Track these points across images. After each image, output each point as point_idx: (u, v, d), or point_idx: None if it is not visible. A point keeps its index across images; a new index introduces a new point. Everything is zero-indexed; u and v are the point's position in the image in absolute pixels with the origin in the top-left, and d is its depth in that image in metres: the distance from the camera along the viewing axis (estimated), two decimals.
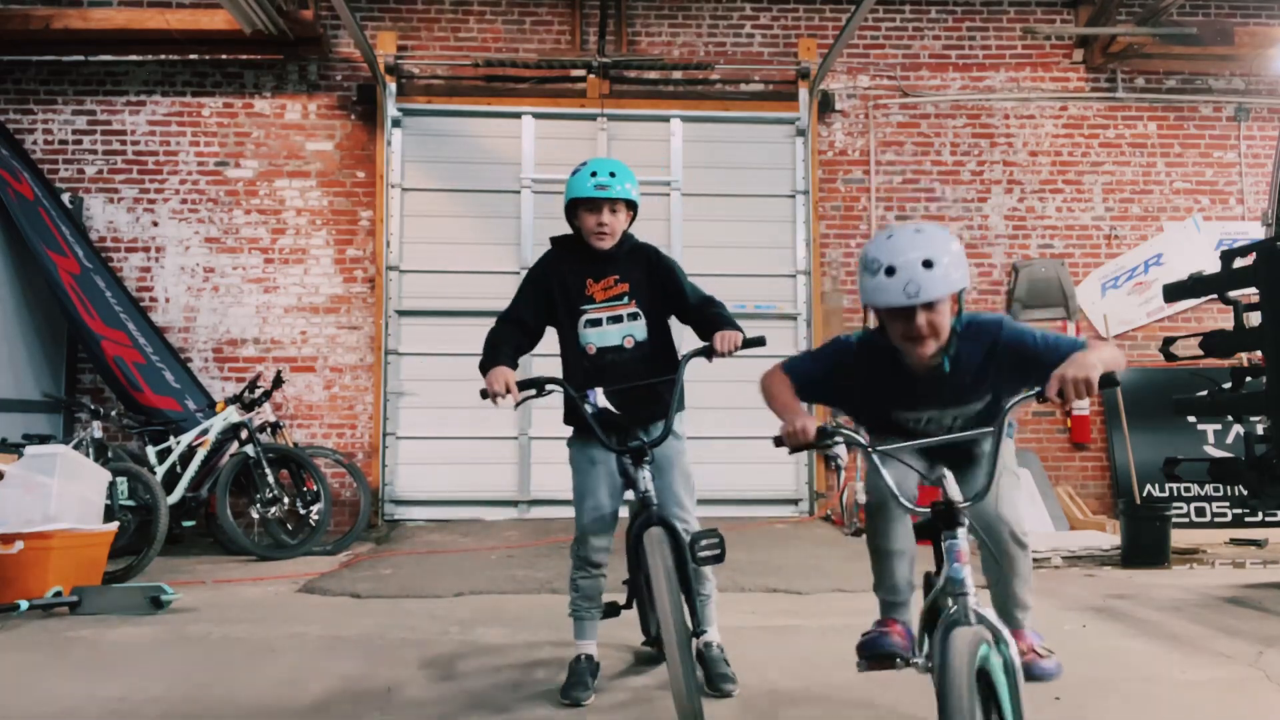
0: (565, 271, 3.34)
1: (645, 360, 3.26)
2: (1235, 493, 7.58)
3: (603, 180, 3.23)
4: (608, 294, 3.29)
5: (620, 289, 3.30)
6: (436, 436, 7.83)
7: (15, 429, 6.52)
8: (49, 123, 7.95)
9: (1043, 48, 8.60)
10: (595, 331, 3.28)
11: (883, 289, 2.31)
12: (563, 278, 3.33)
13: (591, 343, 3.28)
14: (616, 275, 3.30)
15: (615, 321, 3.29)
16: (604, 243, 3.28)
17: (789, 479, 8.00)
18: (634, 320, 3.29)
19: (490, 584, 5.33)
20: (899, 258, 2.30)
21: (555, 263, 3.38)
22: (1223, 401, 5.79)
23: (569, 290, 3.31)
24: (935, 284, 2.30)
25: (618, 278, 3.30)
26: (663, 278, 3.34)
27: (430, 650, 3.95)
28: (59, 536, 4.76)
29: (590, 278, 3.30)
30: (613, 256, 3.31)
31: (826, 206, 8.32)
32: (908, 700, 3.20)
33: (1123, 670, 3.65)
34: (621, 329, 3.28)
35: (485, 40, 8.30)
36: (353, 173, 8.06)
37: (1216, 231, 8.40)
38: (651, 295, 3.31)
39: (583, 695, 3.21)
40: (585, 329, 3.29)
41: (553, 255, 3.41)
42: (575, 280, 3.31)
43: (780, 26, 8.44)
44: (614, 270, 3.31)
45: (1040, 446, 8.17)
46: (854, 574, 5.64)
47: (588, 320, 3.29)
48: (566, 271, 3.33)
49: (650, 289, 3.32)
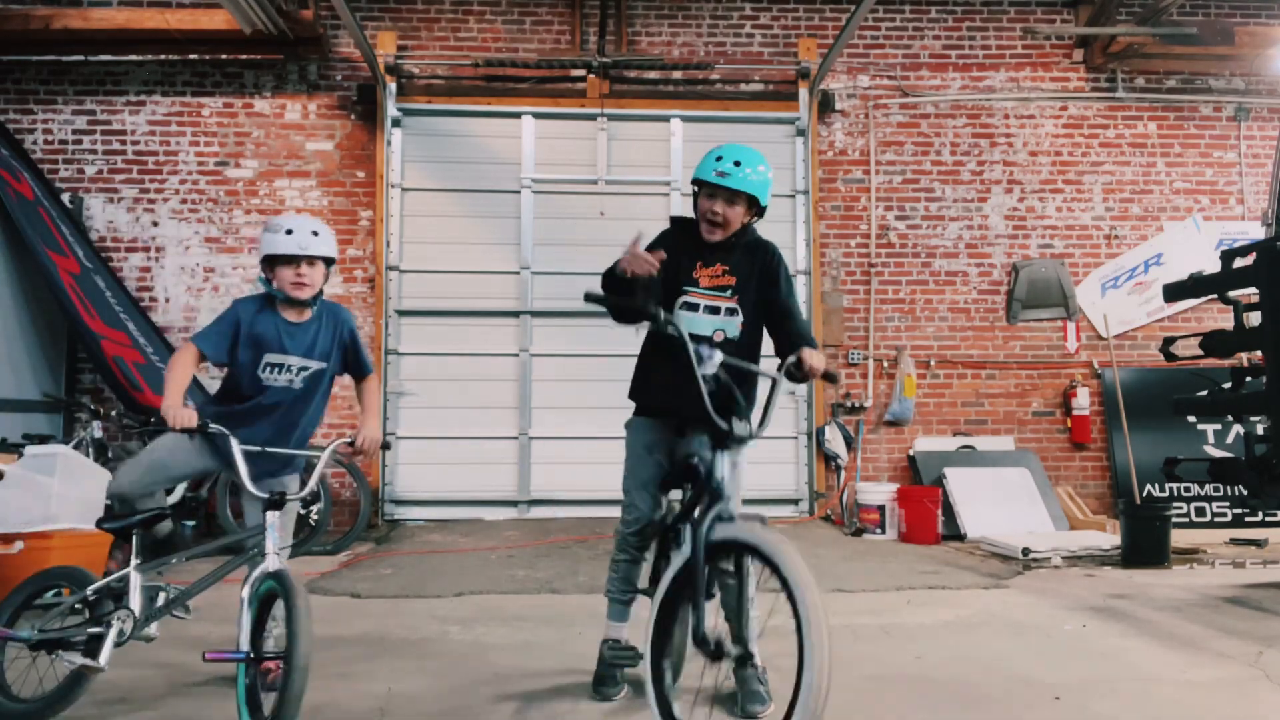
0: (681, 243, 3.18)
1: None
2: (1235, 493, 7.59)
3: (725, 168, 3.06)
4: (713, 282, 3.14)
5: (726, 281, 3.14)
6: (436, 436, 7.84)
7: (15, 429, 6.52)
8: (49, 123, 7.95)
9: (1043, 48, 8.60)
10: (690, 316, 3.12)
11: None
12: (676, 248, 3.14)
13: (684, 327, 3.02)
14: (726, 267, 3.15)
15: (712, 312, 3.13)
16: (713, 234, 3.14)
17: (789, 479, 8.00)
18: (731, 316, 3.14)
19: (490, 584, 5.33)
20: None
21: (677, 233, 3.24)
22: (1223, 401, 5.79)
23: (678, 266, 3.12)
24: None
25: (727, 269, 3.15)
26: (772, 283, 3.17)
27: (430, 650, 3.95)
28: (59, 536, 4.76)
29: (701, 261, 3.15)
30: (728, 247, 3.16)
31: (826, 206, 8.31)
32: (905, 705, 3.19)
33: (1123, 670, 3.64)
34: (715, 321, 3.13)
35: (485, 40, 8.30)
36: (353, 173, 8.06)
37: (1216, 231, 8.41)
38: (751, 295, 3.15)
39: (612, 691, 3.19)
40: (682, 310, 3.13)
41: (670, 231, 3.26)
42: (686, 259, 3.15)
43: (780, 26, 8.44)
44: (726, 260, 3.16)
45: (1040, 446, 8.17)
46: (854, 574, 5.64)
47: (685, 302, 3.14)
48: (682, 243, 3.18)
49: (756, 291, 3.16)
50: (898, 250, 8.36)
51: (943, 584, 5.38)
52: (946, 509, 7.26)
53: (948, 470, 7.60)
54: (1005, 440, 8.17)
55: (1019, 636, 4.19)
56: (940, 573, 5.74)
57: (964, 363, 8.29)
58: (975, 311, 8.36)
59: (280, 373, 3.26)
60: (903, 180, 8.42)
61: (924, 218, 8.41)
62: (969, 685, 3.42)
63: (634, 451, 3.24)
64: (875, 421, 8.19)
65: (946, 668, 3.65)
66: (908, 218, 8.40)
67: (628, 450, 3.26)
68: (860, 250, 8.31)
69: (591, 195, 8.03)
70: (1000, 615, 4.62)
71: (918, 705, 3.19)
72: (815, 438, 7.96)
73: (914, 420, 8.15)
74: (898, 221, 8.38)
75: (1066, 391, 8.27)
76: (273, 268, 3.22)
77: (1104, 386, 8.23)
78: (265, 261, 3.23)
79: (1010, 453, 8.02)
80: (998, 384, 8.30)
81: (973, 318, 8.35)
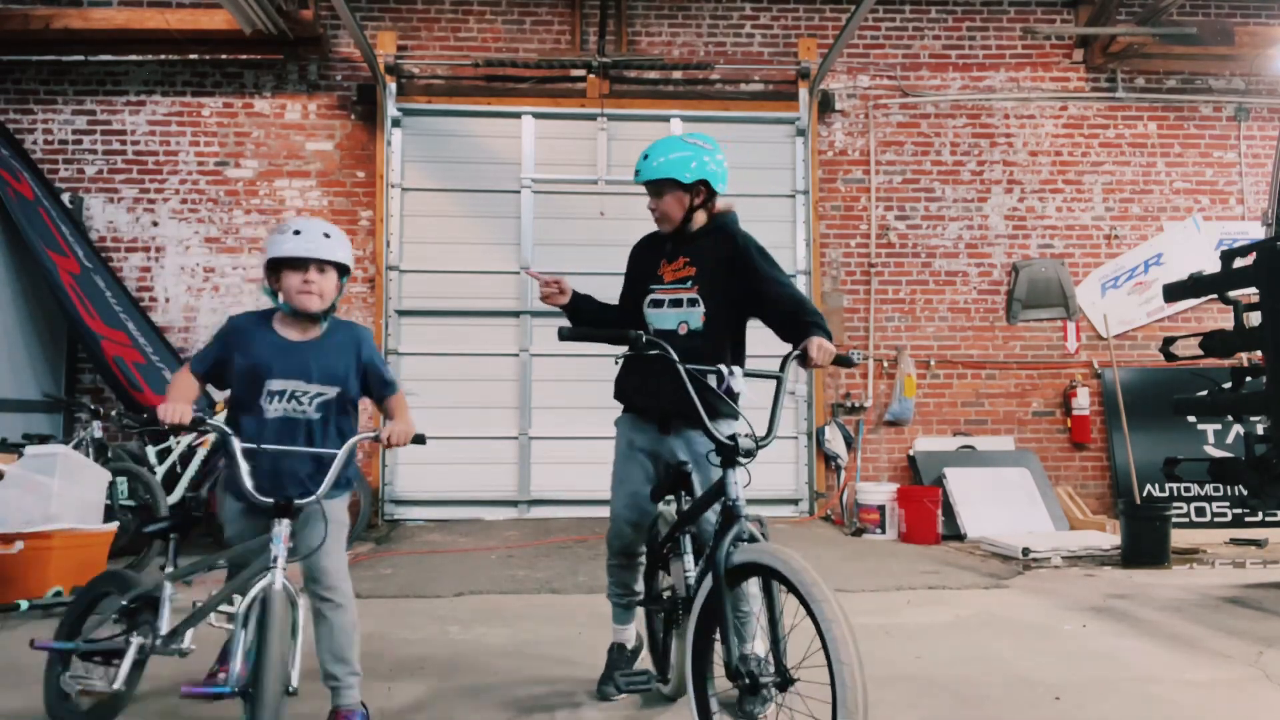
0: (645, 249, 3.26)
1: (694, 353, 2.87)
2: (1235, 493, 7.59)
3: (638, 165, 3.11)
4: (676, 275, 3.12)
5: (687, 272, 3.10)
6: (436, 436, 7.77)
7: (15, 429, 6.52)
8: (49, 123, 7.95)
9: (1043, 48, 8.60)
10: (656, 313, 3.14)
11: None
12: (641, 256, 3.25)
13: (651, 323, 3.13)
14: (687, 259, 3.11)
15: (675, 305, 3.10)
16: (662, 226, 3.16)
17: (789, 479, 8.00)
18: (692, 306, 3.07)
19: (490, 584, 5.33)
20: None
21: (639, 245, 3.31)
22: (1223, 401, 5.79)
23: (644, 268, 3.21)
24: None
25: (688, 260, 3.11)
26: (740, 268, 3.04)
27: (430, 650, 3.95)
28: (59, 536, 4.76)
29: (665, 258, 3.16)
30: (691, 238, 3.13)
31: (826, 206, 8.31)
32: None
33: (1123, 670, 3.64)
34: (679, 314, 3.09)
35: (485, 40, 8.30)
36: (353, 173, 8.07)
37: (1216, 231, 8.41)
38: (716, 284, 3.06)
39: (612, 692, 3.19)
40: (648, 309, 3.15)
41: (638, 244, 3.32)
42: (652, 258, 3.20)
43: (780, 26, 8.45)
44: (687, 252, 3.12)
45: (1040, 446, 8.18)
46: (854, 574, 5.64)
47: (651, 300, 3.15)
48: (646, 250, 3.25)
49: (719, 277, 3.06)
50: (898, 250, 8.36)
51: (943, 584, 5.38)
52: (946, 509, 7.26)
53: (948, 470, 7.60)
54: (1005, 440, 8.17)
55: (1019, 637, 4.19)
56: (940, 573, 5.74)
57: (964, 363, 8.29)
58: (975, 311, 8.36)
59: (282, 400, 2.80)
60: (903, 180, 8.42)
61: (924, 218, 8.41)
62: (969, 685, 3.42)
63: (618, 450, 3.25)
64: (875, 421, 8.19)
65: (947, 668, 3.65)
66: (908, 218, 8.40)
67: (615, 449, 3.27)
68: (860, 250, 8.31)
69: (591, 195, 8.04)
70: (1000, 615, 4.62)
71: (918, 705, 3.19)
72: (815, 438, 7.96)
73: (914, 420, 8.15)
74: (898, 221, 8.38)
75: (1066, 391, 8.27)
76: (278, 274, 2.81)
77: (1104, 386, 8.23)
78: (270, 267, 2.81)
79: (1010, 453, 8.02)
80: (998, 384, 8.30)
81: (973, 318, 8.35)
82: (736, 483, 2.58)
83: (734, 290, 3.05)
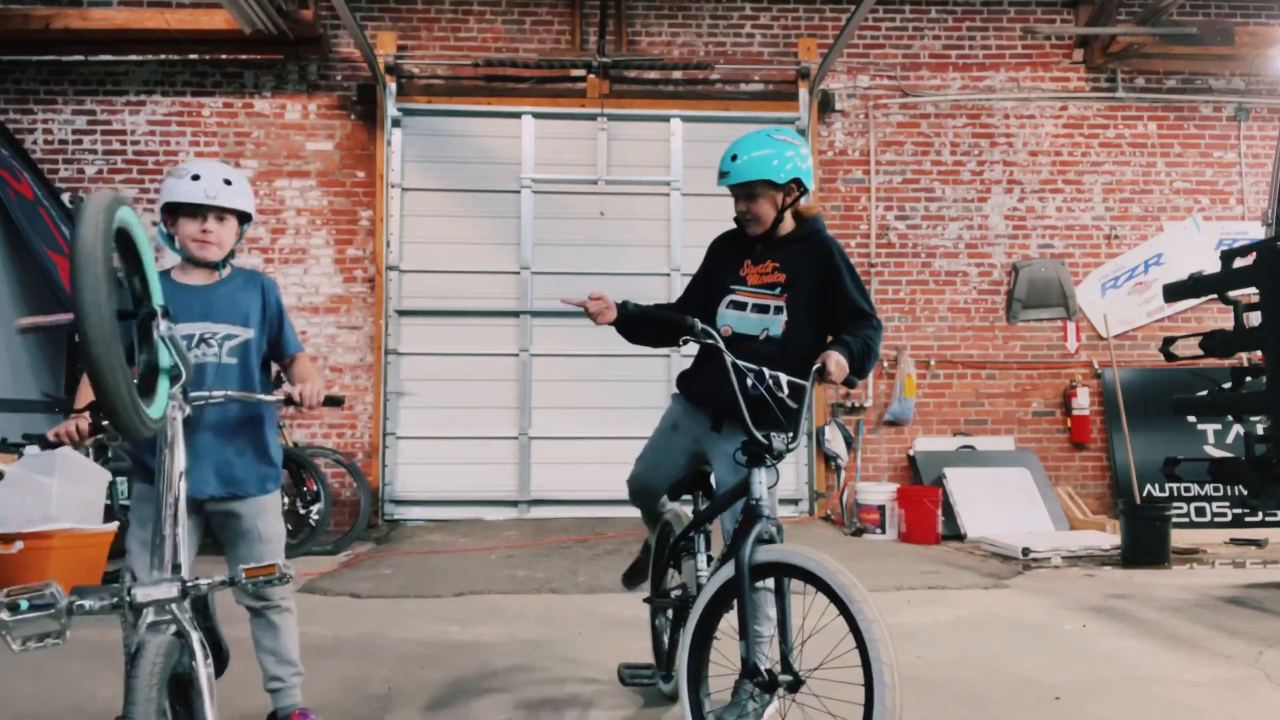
0: (728, 247, 3.10)
1: (770, 361, 2.76)
2: (1235, 493, 7.59)
3: (725, 166, 2.94)
4: (763, 280, 2.97)
5: (775, 278, 2.96)
6: (436, 436, 7.84)
7: (15, 429, 6.51)
8: (49, 123, 7.95)
9: (1043, 48, 8.60)
10: (735, 315, 2.98)
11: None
12: (723, 253, 3.09)
13: (729, 325, 2.96)
14: (777, 264, 2.97)
15: (760, 311, 2.95)
16: (752, 229, 2.99)
17: (789, 479, 7.99)
18: (777, 314, 2.93)
19: (490, 584, 5.33)
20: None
21: (719, 242, 3.17)
22: (1223, 401, 5.80)
23: (726, 266, 3.05)
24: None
25: (777, 265, 2.97)
26: (829, 280, 2.95)
27: (430, 650, 3.95)
28: (59, 536, 4.76)
29: (750, 259, 3.01)
30: (780, 243, 2.99)
31: (826, 206, 8.31)
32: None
33: (1123, 670, 3.65)
34: (762, 320, 2.94)
35: (485, 40, 8.30)
36: (353, 172, 8.07)
37: (1216, 231, 8.41)
38: (804, 294, 2.94)
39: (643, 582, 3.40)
40: (726, 309, 3.00)
41: (718, 240, 3.18)
42: (735, 257, 3.05)
43: (780, 26, 8.44)
44: (777, 256, 2.98)
45: (1040, 446, 8.18)
46: (854, 574, 5.64)
47: (732, 301, 3.00)
48: (729, 247, 3.10)
49: (808, 288, 2.94)
50: (898, 250, 8.36)
51: (943, 584, 5.38)
52: (946, 509, 7.26)
53: (948, 470, 7.60)
54: (1005, 440, 8.17)
55: (1019, 637, 4.19)
56: (940, 573, 5.74)
57: (964, 363, 8.29)
58: (975, 311, 8.36)
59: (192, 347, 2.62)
60: (903, 180, 8.42)
61: (924, 218, 8.41)
62: (969, 685, 3.43)
63: (661, 425, 3.18)
64: (875, 421, 8.19)
65: (947, 668, 3.65)
66: (908, 218, 8.40)
67: (658, 424, 3.20)
68: (860, 250, 8.31)
69: (591, 195, 8.03)
70: (1000, 615, 4.62)
71: (918, 705, 3.19)
72: (815, 438, 7.96)
73: (914, 420, 8.15)
74: (898, 221, 8.38)
75: (1066, 391, 8.27)
76: (175, 220, 2.69)
77: (1104, 386, 8.23)
78: (166, 210, 2.69)
79: (1010, 453, 8.02)
80: (998, 384, 8.31)
81: (973, 318, 8.35)
82: (761, 482, 2.53)
83: (820, 303, 2.96)
